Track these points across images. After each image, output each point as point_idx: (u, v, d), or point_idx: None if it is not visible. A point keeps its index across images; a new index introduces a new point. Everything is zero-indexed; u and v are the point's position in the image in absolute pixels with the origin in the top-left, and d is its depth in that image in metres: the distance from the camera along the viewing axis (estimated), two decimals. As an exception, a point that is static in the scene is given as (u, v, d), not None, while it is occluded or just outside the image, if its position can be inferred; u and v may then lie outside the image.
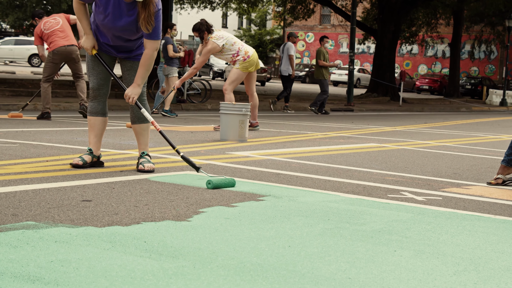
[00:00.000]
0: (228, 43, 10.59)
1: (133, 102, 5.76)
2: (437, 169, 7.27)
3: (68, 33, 11.43)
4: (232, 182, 5.30)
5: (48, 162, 6.16)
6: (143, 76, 5.79)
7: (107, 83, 6.01)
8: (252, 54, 10.72)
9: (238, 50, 10.63)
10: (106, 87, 6.02)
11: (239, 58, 10.61)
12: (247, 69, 10.71)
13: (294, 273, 2.97)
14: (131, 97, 5.75)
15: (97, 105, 6.00)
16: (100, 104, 6.00)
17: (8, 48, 45.13)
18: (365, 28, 33.73)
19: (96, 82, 5.96)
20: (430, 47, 53.56)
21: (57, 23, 11.45)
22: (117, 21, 5.69)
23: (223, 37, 10.60)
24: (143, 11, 5.58)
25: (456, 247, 3.67)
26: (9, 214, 3.86)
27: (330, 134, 11.42)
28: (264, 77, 45.23)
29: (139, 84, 5.78)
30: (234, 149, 8.21)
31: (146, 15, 5.58)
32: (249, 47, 10.80)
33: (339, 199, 4.99)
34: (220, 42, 10.54)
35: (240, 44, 10.73)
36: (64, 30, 11.38)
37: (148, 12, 5.58)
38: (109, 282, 2.69)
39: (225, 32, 10.83)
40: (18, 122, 10.50)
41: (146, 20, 5.60)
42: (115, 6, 5.64)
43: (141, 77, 5.78)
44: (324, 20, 64.05)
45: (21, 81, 21.44)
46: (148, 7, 5.57)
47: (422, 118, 19.36)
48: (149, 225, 3.78)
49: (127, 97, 5.76)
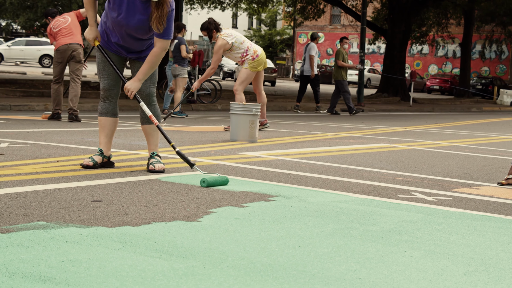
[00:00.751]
0: (237, 41, 10.59)
1: (132, 96, 5.77)
2: (447, 169, 7.25)
3: (73, 31, 11.32)
4: (225, 180, 5.35)
5: (59, 162, 6.18)
6: (146, 73, 5.79)
7: (117, 84, 6.02)
8: (261, 53, 10.71)
9: (247, 49, 10.62)
10: (117, 87, 6.03)
11: (248, 57, 10.61)
12: (256, 69, 10.69)
13: (304, 273, 2.97)
14: (130, 90, 5.76)
15: (107, 106, 6.01)
16: (110, 105, 6.01)
17: (19, 48, 45.30)
18: (376, 28, 33.66)
19: (106, 82, 5.97)
20: (440, 47, 53.40)
21: (64, 22, 11.44)
22: (130, 19, 5.69)
23: (232, 35, 10.61)
24: (156, 11, 5.57)
25: (466, 247, 3.66)
26: (20, 214, 3.88)
27: (340, 134, 11.41)
28: (274, 77, 45.23)
29: (140, 79, 5.79)
30: (244, 149, 8.21)
31: (158, 15, 5.58)
32: (257, 47, 10.80)
33: (349, 200, 4.99)
34: (230, 39, 10.54)
35: (248, 43, 10.72)
36: (70, 29, 11.32)
37: (161, 12, 5.58)
38: (119, 282, 2.70)
39: (234, 31, 10.84)
40: (29, 123, 10.54)
41: (157, 20, 5.59)
42: (129, 4, 5.64)
43: (143, 73, 5.79)
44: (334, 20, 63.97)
45: (32, 82, 21.52)
46: (162, 6, 5.57)
47: (432, 118, 19.32)
48: (160, 225, 3.79)
49: (126, 90, 5.77)
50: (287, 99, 23.93)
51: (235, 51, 10.61)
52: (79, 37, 11.40)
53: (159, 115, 6.03)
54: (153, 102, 6.03)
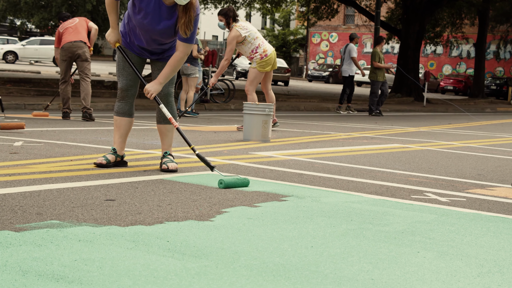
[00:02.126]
0: (250, 36, 10.50)
1: (152, 97, 5.76)
2: (461, 170, 7.22)
3: (79, 30, 11.30)
4: (245, 182, 5.28)
5: (73, 161, 6.20)
6: (167, 76, 5.78)
7: (136, 84, 6.01)
8: (270, 53, 10.61)
9: (258, 46, 10.54)
10: (135, 88, 6.02)
11: (257, 55, 10.53)
12: (264, 68, 10.61)
13: (317, 273, 2.97)
14: (150, 92, 5.74)
15: (124, 106, 6.01)
16: (127, 105, 6.01)
17: (33, 48, 45.52)
18: (389, 28, 33.58)
19: (125, 82, 5.96)
20: (454, 47, 53.22)
21: (71, 22, 11.47)
22: (155, 24, 5.66)
23: (247, 29, 10.52)
24: (183, 16, 5.55)
25: (480, 248, 3.64)
26: (34, 213, 3.90)
27: (354, 134, 11.39)
28: (287, 77, 45.21)
29: (161, 82, 5.77)
30: (257, 149, 8.21)
31: (186, 20, 5.55)
32: (269, 46, 10.71)
33: (362, 200, 4.98)
34: (243, 32, 10.45)
35: (261, 40, 10.63)
36: (76, 28, 11.32)
37: (189, 17, 5.56)
38: (132, 281, 2.71)
39: (250, 25, 10.74)
40: (43, 122, 10.58)
41: (185, 25, 5.57)
42: (155, 9, 5.61)
43: (164, 77, 5.77)
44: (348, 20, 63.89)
45: (46, 81, 21.60)
46: (189, 11, 5.55)
47: (446, 118, 19.26)
48: (172, 224, 3.80)
49: (146, 92, 5.75)
50: (300, 99, 23.92)
51: (246, 45, 10.54)
52: (84, 35, 11.36)
53: (175, 114, 6.03)
54: (171, 102, 6.03)
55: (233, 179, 5.23)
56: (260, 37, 10.68)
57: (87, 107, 11.25)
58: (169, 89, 6.00)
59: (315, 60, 65.41)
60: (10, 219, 3.69)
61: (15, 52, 45.07)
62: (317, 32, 64.72)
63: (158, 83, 5.77)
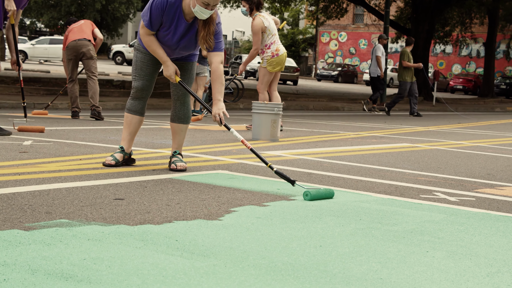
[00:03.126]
0: (269, 29, 10.37)
1: (223, 119, 5.61)
2: (470, 169, 7.21)
3: (83, 29, 11.31)
4: (331, 193, 4.98)
5: (82, 160, 6.21)
6: (220, 91, 5.68)
7: (151, 86, 5.98)
8: (282, 54, 10.50)
9: (272, 43, 10.42)
10: (150, 89, 5.99)
11: (268, 52, 10.39)
12: (274, 68, 10.48)
13: (325, 273, 2.97)
14: (220, 114, 5.59)
15: (137, 104, 5.98)
16: (140, 104, 5.99)
17: (43, 47, 45.66)
18: (399, 28, 33.53)
19: (142, 83, 5.92)
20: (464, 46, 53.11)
21: (77, 23, 11.52)
22: (176, 39, 5.64)
23: (268, 21, 10.39)
24: (202, 29, 5.51)
25: (489, 248, 3.63)
26: (43, 212, 3.91)
27: (363, 134, 11.37)
28: (296, 77, 45.20)
29: (219, 99, 5.66)
30: (266, 148, 8.21)
31: (205, 34, 5.51)
32: (282, 47, 10.59)
33: (371, 199, 4.97)
34: (266, 22, 10.32)
35: (277, 38, 10.51)
36: (80, 27, 11.34)
37: (208, 31, 5.51)
38: (141, 280, 2.71)
39: (272, 20, 10.58)
40: (52, 121, 10.60)
41: (204, 39, 5.52)
42: (177, 26, 5.58)
43: (219, 92, 5.67)
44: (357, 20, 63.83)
45: (55, 80, 21.66)
46: (209, 25, 5.51)
47: (455, 118, 19.21)
48: (181, 224, 3.80)
49: (216, 117, 5.60)
50: (309, 99, 23.90)
51: (263, 37, 10.40)
52: (88, 34, 11.36)
53: (190, 115, 6.03)
54: (187, 103, 6.02)
55: (318, 191, 4.91)
56: (277, 36, 10.56)
57: (95, 105, 11.27)
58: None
59: (324, 59, 65.37)
60: (19, 218, 3.71)
61: (24, 52, 45.23)
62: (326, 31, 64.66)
63: (218, 101, 5.65)
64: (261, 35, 10.38)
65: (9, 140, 7.44)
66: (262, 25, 10.30)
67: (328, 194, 4.94)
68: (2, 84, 18.70)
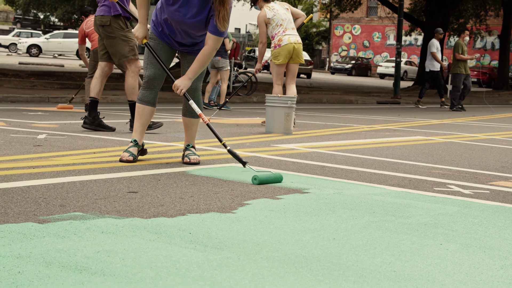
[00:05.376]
0: (275, 20, 9.99)
1: (182, 93, 5.70)
2: (484, 162, 7.18)
3: None
4: (279, 177, 5.18)
5: (95, 154, 6.23)
6: (196, 72, 5.70)
7: (163, 75, 5.94)
8: (285, 45, 9.95)
9: (275, 34, 10.01)
10: (162, 79, 5.96)
11: (272, 44, 10.06)
12: (278, 60, 10.03)
13: (339, 265, 2.96)
14: (180, 88, 5.66)
15: (148, 94, 5.96)
16: (152, 94, 5.96)
17: (57, 41, 45.81)
18: (413, 20, 33.40)
19: (153, 71, 5.90)
20: (478, 39, 52.83)
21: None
22: (188, 16, 5.60)
23: (275, 11, 10.03)
24: (221, 8, 5.45)
25: (503, 241, 3.62)
26: (57, 205, 3.92)
27: (376, 127, 11.35)
28: (309, 70, 45.15)
29: (190, 78, 5.69)
30: (279, 141, 8.21)
31: (224, 13, 5.46)
32: (287, 37, 9.99)
33: (385, 192, 4.96)
34: (270, 13, 9.98)
35: (283, 29, 10.00)
36: None
37: (225, 9, 5.47)
38: (154, 272, 2.72)
39: (282, 10, 10.13)
40: (67, 115, 10.64)
41: (223, 18, 5.47)
42: (188, 1, 5.57)
43: (194, 72, 5.69)
44: (371, 12, 63.64)
45: (69, 74, 21.73)
46: (225, 4, 5.47)
47: (470, 111, 19.13)
48: (194, 216, 3.81)
49: (175, 88, 5.67)
50: (323, 92, 23.87)
51: (269, 28, 10.04)
52: None
53: (202, 109, 6.01)
54: (198, 97, 5.99)
55: (266, 174, 5.13)
56: (286, 25, 10.04)
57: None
58: (197, 84, 5.95)
59: (338, 52, 65.23)
60: (33, 211, 3.72)
61: (39, 46, 45.39)
62: (339, 25, 64.49)
63: (187, 78, 5.68)
64: (266, 27, 10.06)
65: (24, 134, 7.47)
66: (264, 17, 9.97)
67: (276, 179, 5.12)
68: (17, 78, 18.78)
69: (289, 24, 10.12)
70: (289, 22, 10.13)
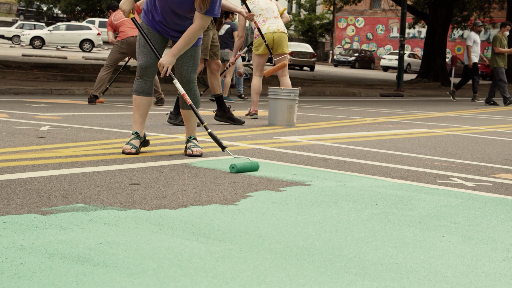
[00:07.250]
0: (255, 11, 9.68)
1: (165, 72, 5.64)
2: (487, 154, 7.17)
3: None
4: (255, 166, 5.25)
5: (98, 146, 6.23)
6: (181, 49, 5.67)
7: (155, 63, 5.91)
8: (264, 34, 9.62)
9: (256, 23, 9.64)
10: (154, 67, 5.94)
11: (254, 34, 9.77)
12: (257, 51, 9.77)
13: (341, 257, 2.97)
14: (165, 65, 5.63)
15: (143, 84, 5.94)
16: (146, 84, 5.94)
17: (60, 33, 45.83)
18: (416, 13, 33.33)
19: (145, 60, 5.90)
20: (482, 31, 52.69)
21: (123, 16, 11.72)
22: None
23: (255, 2, 9.75)
24: None
25: (506, 233, 3.62)
26: (60, 196, 3.93)
27: (379, 119, 11.34)
28: (313, 62, 45.10)
29: (174, 54, 5.66)
30: (282, 134, 8.21)
31: None
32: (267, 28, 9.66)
33: (387, 184, 4.96)
34: (250, 6, 9.66)
35: (262, 18, 9.72)
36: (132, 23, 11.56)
37: None
38: (156, 264, 2.72)
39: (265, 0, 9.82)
40: (69, 107, 10.64)
41: (201, 0, 5.53)
42: None
43: (178, 49, 5.67)
44: (374, 5, 63.53)
45: (72, 66, 21.72)
46: None
47: (473, 103, 19.10)
48: (197, 208, 3.81)
49: (160, 66, 5.65)
50: (326, 84, 23.85)
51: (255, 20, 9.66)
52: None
53: (198, 100, 5.98)
54: (193, 88, 5.97)
55: (243, 163, 5.21)
56: (266, 15, 9.76)
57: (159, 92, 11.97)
58: (192, 76, 5.94)
59: (341, 45, 65.15)
60: (36, 202, 3.73)
61: (42, 38, 45.39)
62: (343, 17, 64.40)
63: (172, 55, 5.66)
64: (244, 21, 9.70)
65: (27, 126, 7.47)
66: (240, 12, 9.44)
67: (252, 167, 5.22)
68: (20, 70, 18.79)
69: (270, 13, 9.81)
70: (270, 11, 9.82)
